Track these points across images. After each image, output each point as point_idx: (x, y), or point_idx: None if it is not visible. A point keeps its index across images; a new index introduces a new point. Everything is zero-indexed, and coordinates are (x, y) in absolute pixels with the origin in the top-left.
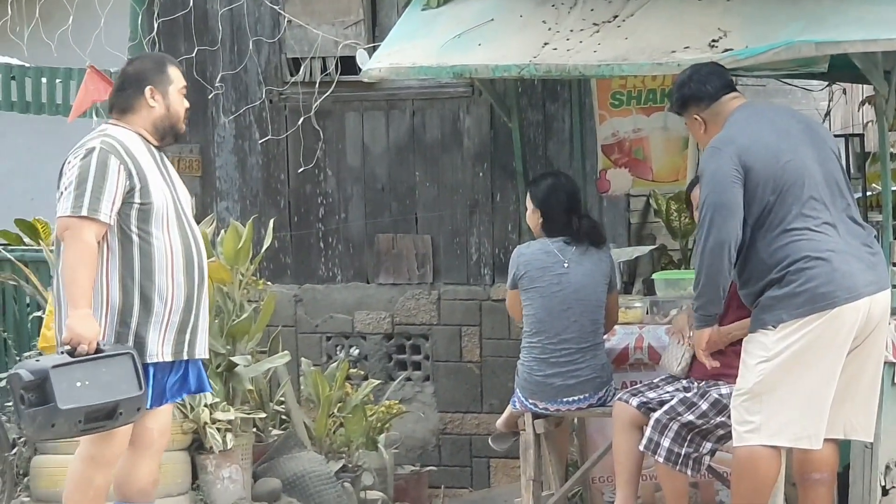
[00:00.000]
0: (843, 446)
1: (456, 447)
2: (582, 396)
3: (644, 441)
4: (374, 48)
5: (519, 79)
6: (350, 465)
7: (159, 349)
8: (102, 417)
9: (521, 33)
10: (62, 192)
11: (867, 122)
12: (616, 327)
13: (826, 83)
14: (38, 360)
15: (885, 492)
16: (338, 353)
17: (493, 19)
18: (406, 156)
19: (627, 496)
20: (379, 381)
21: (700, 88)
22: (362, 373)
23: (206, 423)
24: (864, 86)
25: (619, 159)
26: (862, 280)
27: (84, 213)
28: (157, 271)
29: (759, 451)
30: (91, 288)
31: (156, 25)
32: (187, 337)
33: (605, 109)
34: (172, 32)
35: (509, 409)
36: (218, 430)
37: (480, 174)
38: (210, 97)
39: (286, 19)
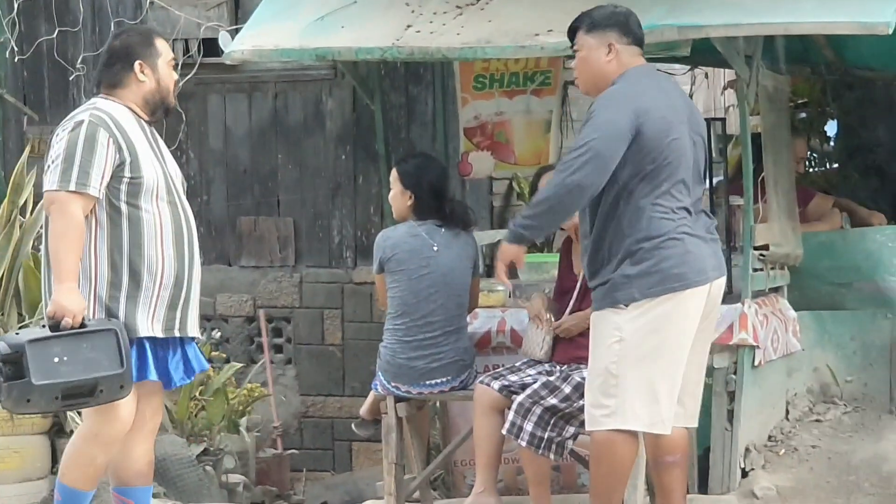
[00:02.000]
0: (704, 429)
1: (318, 430)
2: (444, 379)
3: (507, 425)
4: (238, 30)
5: (382, 61)
6: (212, 449)
7: (149, 325)
8: (83, 394)
9: (385, 16)
10: (49, 165)
11: (729, 107)
12: (478, 311)
13: (689, 67)
14: (17, 334)
15: (744, 474)
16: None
17: (356, 1)
18: (269, 138)
19: (487, 479)
20: (241, 365)
21: (633, 24)
22: (224, 356)
23: None
24: (727, 70)
25: (481, 142)
26: (709, 264)
27: (72, 187)
28: (147, 245)
29: (616, 436)
30: (77, 262)
31: (16, 5)
32: (178, 314)
33: (468, 92)
34: (33, 13)
35: (372, 396)
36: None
37: (343, 157)
38: (71, 79)
39: (148, 1)
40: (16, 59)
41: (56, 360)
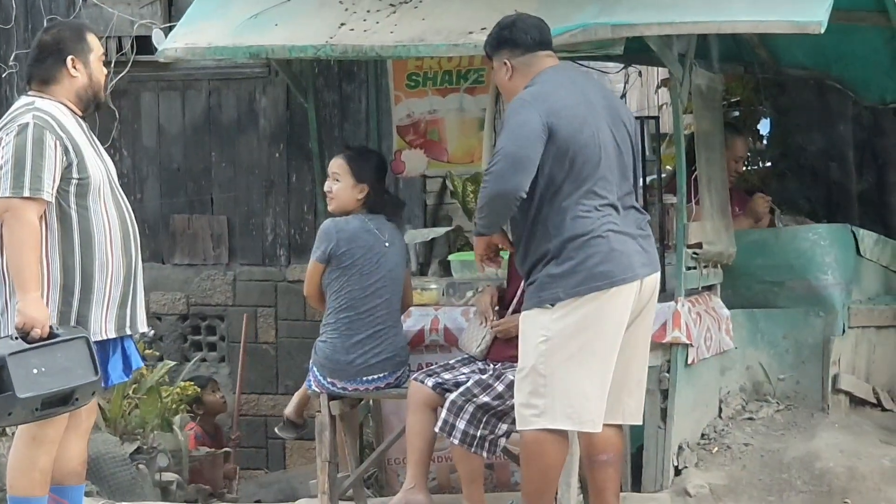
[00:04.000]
0: (638, 427)
1: (251, 428)
2: (381, 375)
3: (439, 423)
4: (171, 28)
5: (315, 59)
6: (145, 447)
7: (102, 326)
8: (58, 403)
9: (318, 14)
10: None
11: (662, 105)
12: (412, 309)
13: (622, 66)
14: None
15: (677, 472)
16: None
17: None
18: (202, 136)
19: (417, 476)
20: (174, 363)
21: (520, 36)
22: (157, 354)
23: None
24: (660, 69)
25: (414, 140)
26: (637, 261)
27: (26, 193)
28: (97, 247)
29: (545, 435)
30: (38, 270)
31: None
32: (128, 311)
33: (400, 90)
34: None
35: (299, 395)
36: None
37: (276, 155)
38: (4, 76)
39: None
40: None
41: (35, 371)
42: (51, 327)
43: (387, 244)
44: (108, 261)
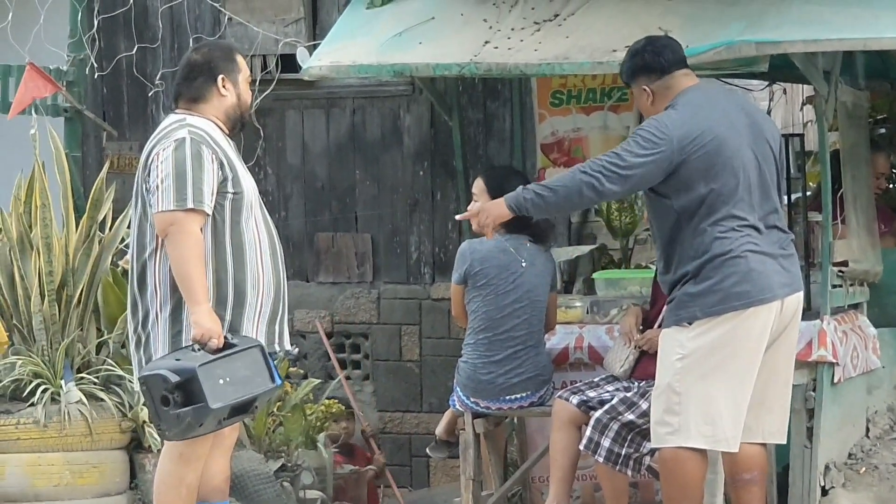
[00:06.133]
0: (783, 446)
1: (395, 446)
2: (524, 394)
3: (584, 441)
4: (315, 46)
5: (459, 77)
6: (289, 465)
7: None
8: (237, 412)
9: (462, 32)
10: (158, 185)
11: (807, 122)
12: (556, 327)
13: (767, 83)
14: (178, 360)
15: (824, 492)
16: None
17: (433, 18)
18: (346, 154)
19: (560, 493)
20: (318, 381)
21: (653, 59)
22: (302, 371)
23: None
24: (805, 86)
25: (558, 158)
26: (777, 281)
27: (190, 205)
28: (249, 261)
29: (682, 453)
30: (205, 281)
31: (96, 22)
32: (277, 328)
33: (545, 108)
34: (112, 29)
35: (449, 415)
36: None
37: (420, 173)
38: (150, 94)
39: (226, 17)
40: (96, 76)
41: (221, 381)
42: (225, 337)
43: (524, 264)
44: (260, 275)
